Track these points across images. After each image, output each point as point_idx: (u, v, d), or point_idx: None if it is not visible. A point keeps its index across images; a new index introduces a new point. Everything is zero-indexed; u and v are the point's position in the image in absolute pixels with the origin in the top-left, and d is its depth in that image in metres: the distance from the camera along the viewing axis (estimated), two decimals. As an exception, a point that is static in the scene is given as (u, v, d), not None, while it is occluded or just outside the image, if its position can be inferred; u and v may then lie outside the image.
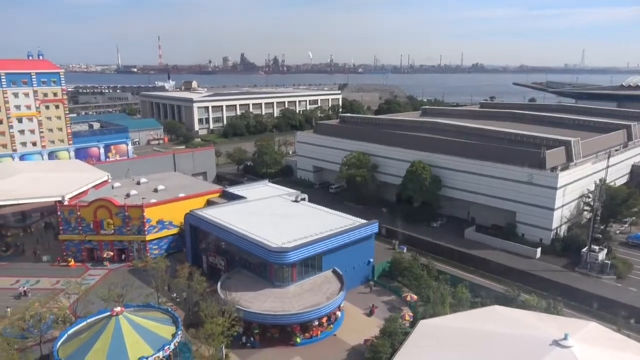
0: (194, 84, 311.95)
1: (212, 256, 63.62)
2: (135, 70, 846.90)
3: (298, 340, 49.77)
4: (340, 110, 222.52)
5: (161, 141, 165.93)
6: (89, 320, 47.17)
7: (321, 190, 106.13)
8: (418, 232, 78.83)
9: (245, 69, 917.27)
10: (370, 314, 55.20)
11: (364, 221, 63.13)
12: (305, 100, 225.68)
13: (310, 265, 55.87)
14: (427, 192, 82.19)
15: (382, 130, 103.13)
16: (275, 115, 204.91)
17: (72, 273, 67.21)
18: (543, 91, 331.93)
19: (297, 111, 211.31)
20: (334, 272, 57.51)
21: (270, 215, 65.44)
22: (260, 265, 55.89)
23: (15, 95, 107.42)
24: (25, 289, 61.15)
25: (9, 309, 56.43)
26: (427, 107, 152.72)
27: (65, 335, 45.25)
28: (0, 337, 46.39)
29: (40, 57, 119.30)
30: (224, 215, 64.01)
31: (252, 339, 49.75)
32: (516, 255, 70.37)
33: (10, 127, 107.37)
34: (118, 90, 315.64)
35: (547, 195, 71.98)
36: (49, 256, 71.86)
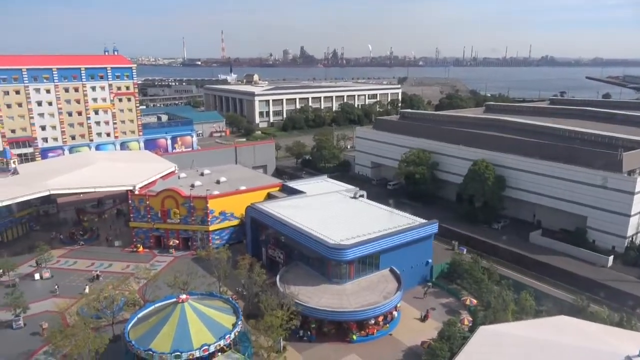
0: (255, 77, 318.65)
1: (271, 249, 65.09)
2: (200, 63, 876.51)
3: (354, 337, 50.02)
4: (400, 104, 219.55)
5: (223, 133, 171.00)
6: (156, 305, 49.97)
7: (379, 186, 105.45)
8: (479, 233, 76.51)
9: (305, 62, 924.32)
10: (424, 319, 54.23)
11: (423, 221, 62.15)
12: (364, 95, 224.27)
13: (368, 263, 55.81)
14: (490, 192, 79.45)
15: (443, 127, 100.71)
16: (333, 109, 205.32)
17: (140, 258, 71.24)
18: (620, 86, 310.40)
19: (356, 105, 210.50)
20: (392, 271, 57.13)
21: (329, 211, 65.90)
22: (318, 260, 56.51)
23: (93, 88, 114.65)
24: (98, 272, 65.41)
25: (87, 288, 60.92)
26: (492, 103, 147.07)
27: (136, 318, 48.21)
28: (77, 316, 50.19)
29: (115, 53, 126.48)
30: (284, 210, 65.21)
31: (309, 333, 50.57)
32: (585, 263, 66.59)
33: (88, 118, 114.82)
34: (184, 83, 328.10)
35: (622, 200, 67.45)
36: (120, 241, 76.48)
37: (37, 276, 64.68)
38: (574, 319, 43.27)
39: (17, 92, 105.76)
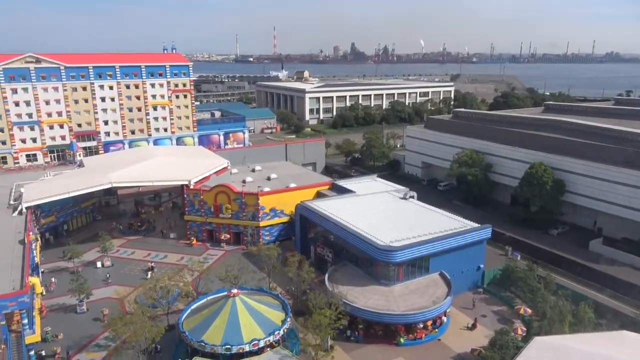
0: (306, 73, 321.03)
1: (320, 247, 65.59)
2: (252, 59, 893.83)
3: (402, 340, 49.63)
4: (452, 103, 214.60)
5: (274, 130, 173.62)
6: (209, 298, 51.64)
7: (429, 187, 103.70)
8: (534, 239, 73.59)
9: (355, 58, 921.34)
10: (472, 328, 52.85)
11: (476, 225, 60.58)
12: (415, 92, 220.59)
13: (417, 266, 55.11)
14: (547, 196, 76.24)
15: (498, 128, 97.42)
16: (384, 107, 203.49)
17: (194, 251, 73.79)
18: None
19: (407, 103, 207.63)
20: (442, 275, 56.13)
21: (378, 211, 65.54)
22: (367, 261, 56.39)
23: (152, 85, 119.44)
24: (153, 263, 68.23)
25: (149, 274, 63.93)
26: (551, 102, 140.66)
27: (189, 309, 50.02)
28: (135, 304, 52.72)
29: (173, 51, 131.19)
30: (333, 209, 65.47)
31: (356, 333, 50.67)
32: (652, 275, 62.63)
33: (147, 114, 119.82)
34: (236, 80, 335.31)
35: (695, 210, 62.88)
36: (175, 234, 79.48)
37: (98, 264, 68.46)
38: (636, 334, 40.92)
39: (84, 89, 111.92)
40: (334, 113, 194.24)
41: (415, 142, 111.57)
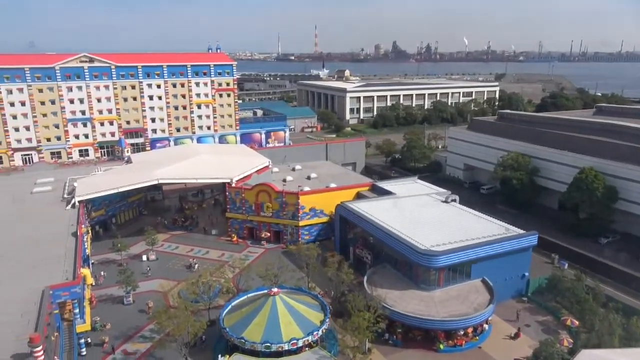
0: (347, 72, 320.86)
1: (359, 248, 65.44)
2: (293, 58, 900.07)
3: (441, 346, 48.86)
4: (497, 103, 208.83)
5: (314, 129, 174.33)
6: (249, 295, 52.53)
7: (471, 190, 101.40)
8: (583, 247, 70.59)
9: (397, 57, 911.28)
10: (515, 337, 51.27)
11: (521, 231, 58.75)
12: (458, 92, 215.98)
13: (459, 271, 54.06)
14: (598, 203, 72.95)
15: (546, 130, 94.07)
16: (425, 107, 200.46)
17: (234, 248, 75.22)
18: None
19: (449, 103, 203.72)
20: (484, 282, 54.83)
21: (419, 214, 64.72)
22: (406, 264, 55.80)
23: (197, 84, 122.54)
24: (194, 260, 69.80)
25: (197, 265, 65.57)
26: (603, 104, 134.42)
27: (230, 306, 51.08)
28: (179, 298, 54.31)
29: (218, 51, 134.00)
30: (373, 210, 65.14)
31: (394, 337, 50.25)
32: None
33: (192, 112, 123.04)
34: (278, 78, 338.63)
35: None
36: (216, 230, 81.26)
37: (144, 257, 70.88)
38: (696, 354, 38.63)
39: (133, 87, 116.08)
40: (375, 113, 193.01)
41: (458, 143, 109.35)
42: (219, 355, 44.84)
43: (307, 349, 45.41)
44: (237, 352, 44.83)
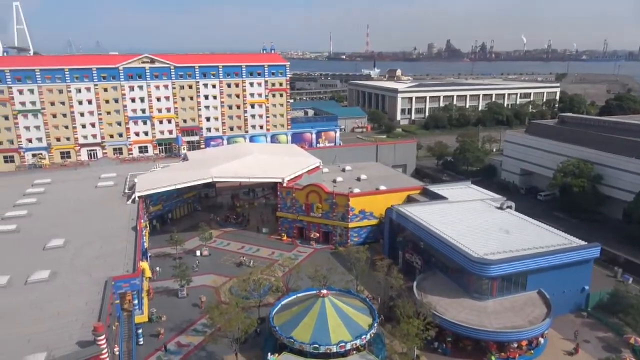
0: (398, 72, 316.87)
1: (408, 253, 64.65)
2: (344, 57, 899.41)
3: (493, 358, 47.40)
4: (557, 105, 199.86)
5: (364, 129, 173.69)
6: (298, 295, 53.09)
7: (528, 196, 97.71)
8: (650, 261, 66.37)
9: (450, 56, 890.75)
10: (573, 353, 48.89)
11: (582, 242, 55.90)
12: (515, 93, 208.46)
13: (514, 282, 52.20)
14: (669, 215, 68.43)
15: (611, 136, 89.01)
16: (480, 108, 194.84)
17: (284, 247, 76.26)
18: None
19: (505, 105, 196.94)
20: (540, 294, 52.67)
21: (473, 220, 63.00)
22: (458, 272, 54.53)
23: (251, 84, 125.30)
24: (244, 258, 71.43)
25: (251, 262, 67.35)
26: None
27: (280, 305, 51.87)
28: (230, 294, 55.78)
29: (272, 52, 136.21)
30: (425, 215, 64.11)
31: (444, 345, 49.32)
32: None
33: (245, 112, 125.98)
34: (329, 78, 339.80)
35: None
36: (267, 229, 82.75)
37: (198, 253, 73.30)
38: None
39: (190, 87, 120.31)
40: (427, 113, 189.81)
41: (515, 147, 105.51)
42: (269, 354, 45.67)
43: (354, 352, 45.38)
44: (286, 352, 45.47)
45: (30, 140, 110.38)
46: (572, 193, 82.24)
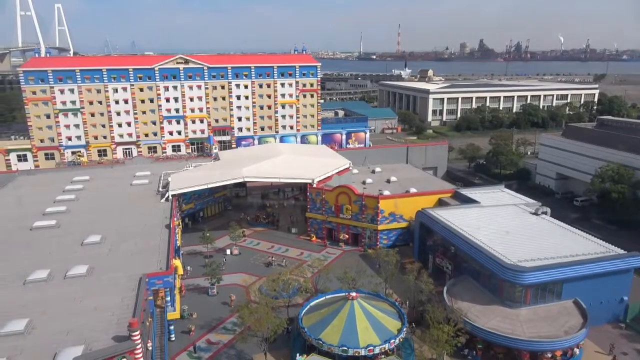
0: (430, 72, 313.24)
1: (439, 257, 63.85)
2: (374, 57, 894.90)
3: (525, 368, 46.38)
4: (595, 107, 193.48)
5: (394, 130, 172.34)
6: (327, 297, 53.19)
7: (563, 201, 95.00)
8: (694, 272, 63.40)
9: (483, 55, 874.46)
10: (612, 363, 47.41)
11: (621, 251, 54.01)
12: (552, 95, 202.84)
13: (548, 290, 50.84)
14: None
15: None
16: (514, 110, 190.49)
17: (313, 248, 76.55)
18: None
19: (541, 106, 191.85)
20: (576, 303, 51.12)
21: (506, 226, 61.68)
22: (490, 278, 53.47)
23: (282, 85, 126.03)
24: (273, 258, 71.96)
25: (284, 261, 67.82)
26: None
27: (309, 306, 52.06)
28: (260, 294, 56.34)
29: (303, 52, 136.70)
30: (456, 219, 63.16)
31: (474, 353, 48.50)
32: None
33: (276, 112, 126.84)
34: (359, 78, 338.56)
35: None
36: (296, 229, 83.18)
37: (228, 251, 74.35)
38: None
39: (223, 87, 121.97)
40: (458, 115, 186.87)
41: (551, 151, 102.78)
42: (297, 354, 45.93)
43: (383, 356, 45.18)
44: (314, 353, 45.64)
45: (69, 138, 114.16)
46: (611, 199, 79.52)
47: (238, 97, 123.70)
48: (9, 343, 36.63)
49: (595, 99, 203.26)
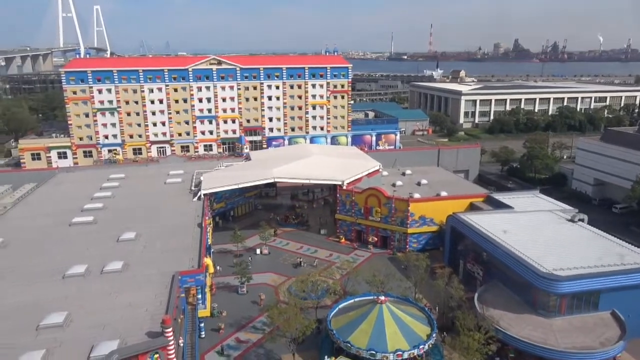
0: (462, 73, 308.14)
1: (470, 263, 62.82)
2: (405, 57, 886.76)
3: (558, 379, 45.13)
4: (637, 110, 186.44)
5: (425, 132, 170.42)
6: (356, 300, 53.12)
7: (601, 208, 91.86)
8: None
9: (518, 56, 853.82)
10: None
11: (663, 262, 51.87)
12: (590, 97, 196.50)
13: (584, 300, 49.32)
14: None
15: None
16: (550, 112, 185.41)
17: (342, 249, 76.53)
18: None
19: (578, 109, 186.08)
20: (614, 315, 49.39)
21: (541, 233, 60.12)
22: (523, 286, 52.16)
23: (313, 86, 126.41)
24: (302, 259, 72.17)
25: (315, 262, 69.24)
26: None
27: (337, 308, 52.10)
28: (289, 294, 56.66)
29: (335, 53, 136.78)
30: (489, 224, 61.95)
31: (505, 362, 47.56)
32: None
33: (306, 113, 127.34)
34: (390, 78, 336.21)
35: None
36: (325, 230, 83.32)
37: (258, 251, 75.15)
38: None
39: (254, 88, 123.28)
40: (492, 117, 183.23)
41: (588, 155, 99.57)
42: (325, 357, 46.04)
43: (411, 362, 44.79)
44: (342, 356, 45.63)
45: (106, 137, 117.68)
46: (653, 207, 76.51)
47: (269, 98, 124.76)
48: (48, 335, 38.15)
49: (637, 102, 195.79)
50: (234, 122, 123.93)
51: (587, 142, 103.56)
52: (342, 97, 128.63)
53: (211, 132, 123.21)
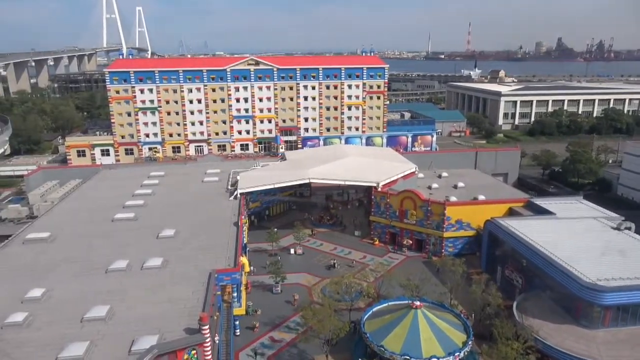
0: (501, 73, 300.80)
1: (508, 270, 61.22)
2: (443, 56, 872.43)
3: (601, 394, 43.42)
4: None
5: (463, 134, 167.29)
6: (390, 304, 52.69)
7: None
8: None
9: (561, 55, 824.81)
10: None
11: None
12: (638, 99, 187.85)
13: (631, 312, 47.25)
14: None
15: None
16: (594, 114, 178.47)
17: (375, 251, 76.09)
18: None
19: (625, 111, 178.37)
20: (663, 329, 47.15)
21: (584, 241, 57.90)
22: (565, 296, 50.42)
23: (349, 86, 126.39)
24: (335, 260, 72.06)
25: (353, 263, 68.83)
26: None
27: (371, 311, 51.85)
28: (322, 295, 56.82)
29: (371, 54, 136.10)
30: (529, 231, 60.18)
31: (545, 373, 46.12)
32: None
33: (342, 113, 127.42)
34: (426, 79, 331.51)
35: None
36: (359, 232, 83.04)
37: (292, 251, 75.68)
38: None
39: (291, 88, 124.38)
40: (532, 119, 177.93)
41: (636, 160, 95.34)
42: (359, 359, 45.90)
43: (446, 369, 44.04)
44: (376, 359, 45.40)
45: (147, 135, 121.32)
46: None
47: (305, 98, 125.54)
48: (92, 327, 39.60)
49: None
50: (270, 122, 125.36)
51: (634, 146, 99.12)
52: (378, 97, 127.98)
53: (247, 132, 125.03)
